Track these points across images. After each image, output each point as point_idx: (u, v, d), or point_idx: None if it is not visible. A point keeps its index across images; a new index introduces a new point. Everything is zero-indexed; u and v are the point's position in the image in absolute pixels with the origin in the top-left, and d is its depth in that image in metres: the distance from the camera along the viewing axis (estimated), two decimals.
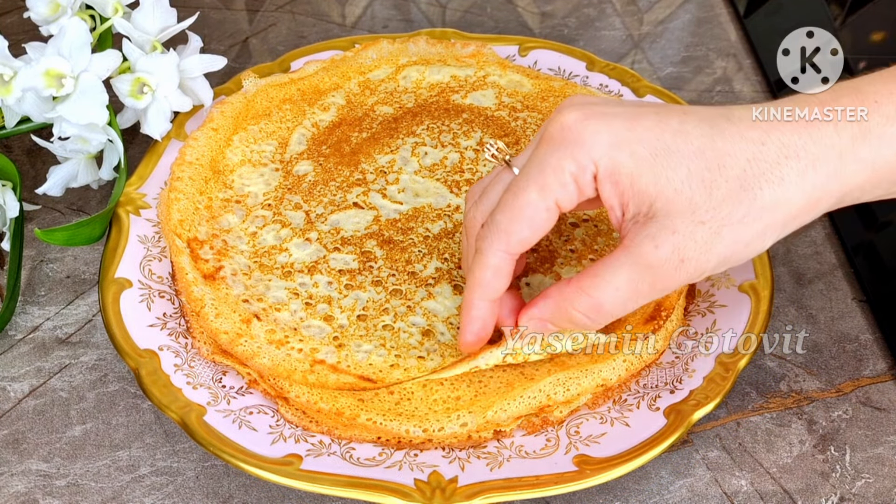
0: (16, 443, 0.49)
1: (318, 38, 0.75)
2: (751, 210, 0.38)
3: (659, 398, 0.47)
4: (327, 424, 0.46)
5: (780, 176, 0.38)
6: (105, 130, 0.54)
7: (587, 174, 0.39)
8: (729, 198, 0.38)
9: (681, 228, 0.38)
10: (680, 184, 0.38)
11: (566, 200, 0.40)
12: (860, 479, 0.48)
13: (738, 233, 0.39)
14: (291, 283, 0.51)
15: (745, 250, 0.40)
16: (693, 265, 0.39)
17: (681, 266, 0.39)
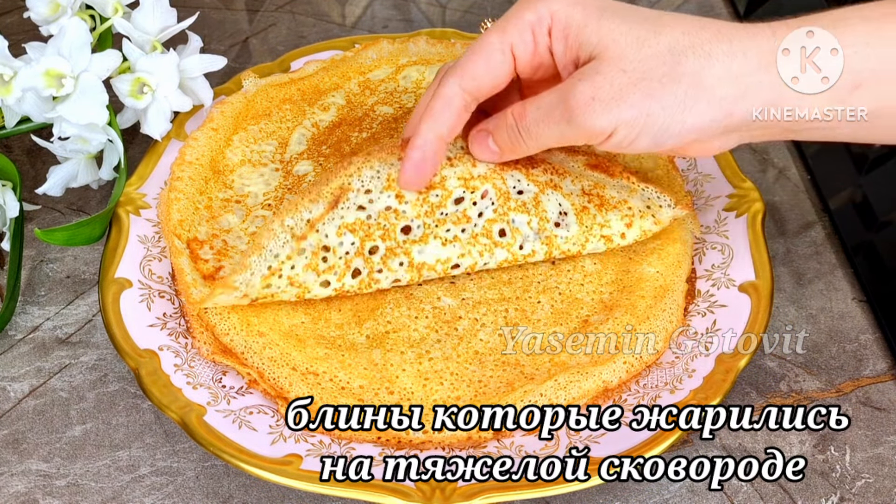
0: (16, 443, 0.49)
1: (318, 38, 0.75)
2: (671, 72, 0.41)
3: (659, 398, 0.47)
4: None
5: (708, 52, 0.41)
6: (105, 130, 0.54)
7: (543, 26, 0.44)
8: (655, 56, 0.41)
9: (604, 71, 0.42)
10: (619, 35, 0.42)
11: (521, 49, 0.45)
12: (860, 480, 0.48)
13: (653, 89, 0.41)
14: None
15: (660, 112, 0.42)
16: (602, 107, 0.42)
17: (591, 103, 0.42)
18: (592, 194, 0.52)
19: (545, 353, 0.49)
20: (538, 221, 0.51)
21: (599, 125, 0.42)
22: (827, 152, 0.65)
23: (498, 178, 0.50)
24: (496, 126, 0.47)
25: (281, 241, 0.48)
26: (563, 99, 0.43)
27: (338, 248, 0.49)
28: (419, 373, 0.48)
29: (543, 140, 0.45)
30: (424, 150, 0.46)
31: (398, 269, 0.50)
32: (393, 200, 0.49)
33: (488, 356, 0.49)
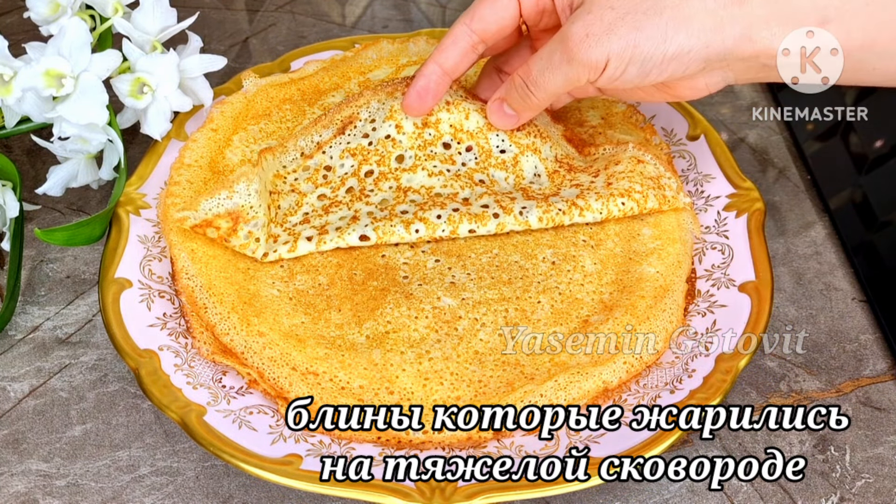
0: (16, 443, 0.49)
1: (318, 38, 0.75)
2: (654, 6, 0.45)
3: (659, 398, 0.47)
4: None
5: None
6: (105, 130, 0.54)
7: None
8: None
9: (594, 10, 0.46)
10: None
11: (526, 1, 0.50)
12: (860, 480, 0.48)
13: (638, 21, 0.45)
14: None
15: (645, 42, 0.45)
16: (596, 41, 0.46)
17: (585, 40, 0.46)
18: (563, 162, 0.56)
19: (545, 353, 0.49)
20: (514, 178, 0.56)
21: (594, 57, 0.46)
22: (827, 152, 0.65)
23: (483, 138, 0.55)
24: (507, 91, 0.52)
25: (290, 156, 0.56)
26: (562, 41, 0.47)
27: (338, 169, 0.55)
28: (419, 373, 0.48)
29: (551, 87, 0.49)
30: (429, 80, 0.52)
31: (387, 191, 0.55)
32: (393, 130, 0.55)
33: (488, 356, 0.49)
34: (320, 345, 0.49)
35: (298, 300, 0.51)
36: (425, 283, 0.52)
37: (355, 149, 0.55)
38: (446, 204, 0.54)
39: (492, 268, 0.52)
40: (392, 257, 0.53)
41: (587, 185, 0.55)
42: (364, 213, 0.54)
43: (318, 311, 0.50)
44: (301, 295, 0.51)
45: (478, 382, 0.47)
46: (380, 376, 0.47)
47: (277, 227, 0.54)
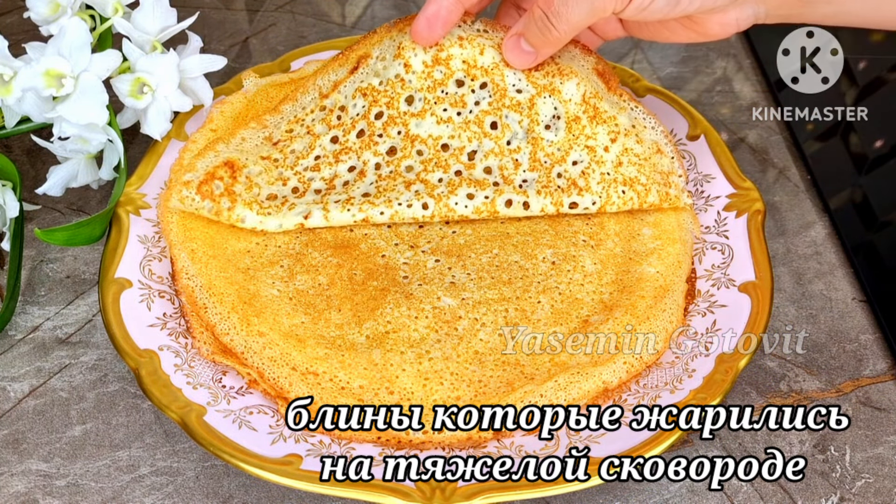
0: (16, 443, 0.49)
1: (318, 38, 0.75)
2: None
3: (659, 398, 0.47)
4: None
5: None
6: (105, 130, 0.54)
7: None
8: None
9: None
10: None
11: None
12: (860, 480, 0.48)
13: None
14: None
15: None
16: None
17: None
18: (589, 103, 0.54)
19: (545, 353, 0.49)
20: (528, 122, 0.54)
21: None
22: (827, 152, 0.65)
23: (498, 75, 0.54)
24: (526, 25, 0.50)
25: (310, 96, 0.58)
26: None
27: (350, 109, 0.55)
28: (419, 373, 0.48)
29: (574, 19, 0.47)
30: (440, 5, 0.51)
31: (395, 137, 0.54)
32: (401, 69, 0.54)
33: (488, 356, 0.49)
34: (320, 345, 0.49)
35: (298, 300, 0.51)
36: (425, 283, 0.52)
37: (366, 88, 0.55)
38: (450, 165, 0.54)
39: (492, 268, 0.52)
40: (392, 257, 0.53)
41: (599, 154, 0.54)
42: (371, 165, 0.54)
43: (318, 311, 0.50)
44: (301, 295, 0.51)
45: (478, 382, 0.47)
46: (380, 376, 0.47)
47: (288, 171, 0.55)
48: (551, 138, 0.54)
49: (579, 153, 0.54)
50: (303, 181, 0.55)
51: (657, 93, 0.63)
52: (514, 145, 0.54)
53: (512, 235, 0.54)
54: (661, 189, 0.54)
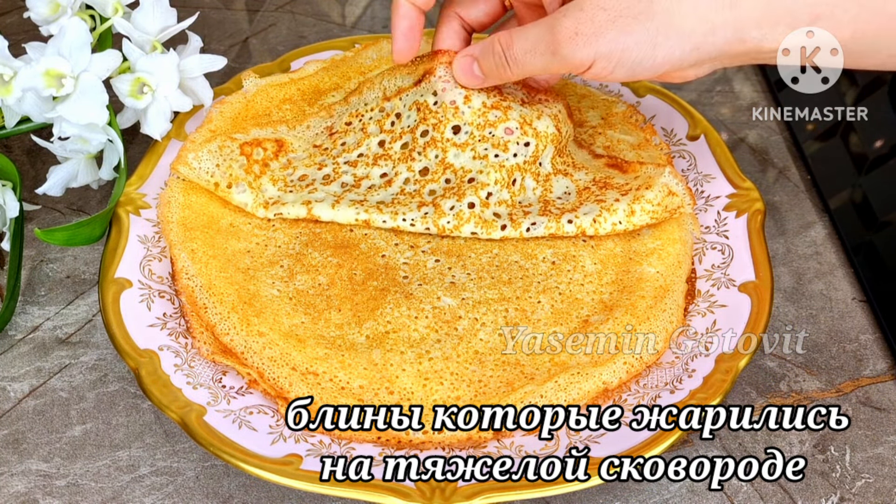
0: (16, 443, 0.49)
1: (318, 38, 0.75)
2: (646, 10, 0.45)
3: (659, 398, 0.47)
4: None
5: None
6: (105, 130, 0.54)
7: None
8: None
9: (586, 8, 0.46)
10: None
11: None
12: (860, 480, 0.48)
13: (630, 26, 0.45)
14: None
15: (634, 47, 0.45)
16: (584, 41, 0.46)
17: (574, 38, 0.46)
18: (600, 181, 0.56)
19: (545, 353, 0.49)
20: (542, 191, 0.55)
21: (580, 57, 0.46)
22: (827, 152, 0.65)
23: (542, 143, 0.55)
24: (482, 52, 0.51)
25: (374, 94, 0.58)
26: (550, 32, 0.47)
27: (404, 119, 0.56)
28: (419, 373, 0.48)
29: (529, 69, 0.49)
30: (409, 20, 0.53)
31: (431, 160, 0.55)
32: (460, 99, 0.54)
33: (488, 356, 0.49)
34: (320, 345, 0.49)
35: (298, 300, 0.51)
36: (425, 283, 0.52)
37: (422, 104, 0.55)
38: (465, 195, 0.54)
39: (492, 268, 0.52)
40: (392, 257, 0.53)
41: (609, 203, 0.54)
42: (401, 179, 0.55)
43: (318, 311, 0.50)
44: (301, 295, 0.51)
45: (478, 382, 0.47)
46: (380, 376, 0.47)
47: (329, 159, 0.57)
48: (561, 203, 0.55)
49: (590, 206, 0.54)
50: (336, 172, 0.56)
51: (657, 93, 0.63)
52: (524, 203, 0.55)
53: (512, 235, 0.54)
54: (662, 215, 0.54)
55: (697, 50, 0.45)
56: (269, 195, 0.55)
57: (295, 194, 0.55)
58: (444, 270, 0.52)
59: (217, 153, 0.56)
